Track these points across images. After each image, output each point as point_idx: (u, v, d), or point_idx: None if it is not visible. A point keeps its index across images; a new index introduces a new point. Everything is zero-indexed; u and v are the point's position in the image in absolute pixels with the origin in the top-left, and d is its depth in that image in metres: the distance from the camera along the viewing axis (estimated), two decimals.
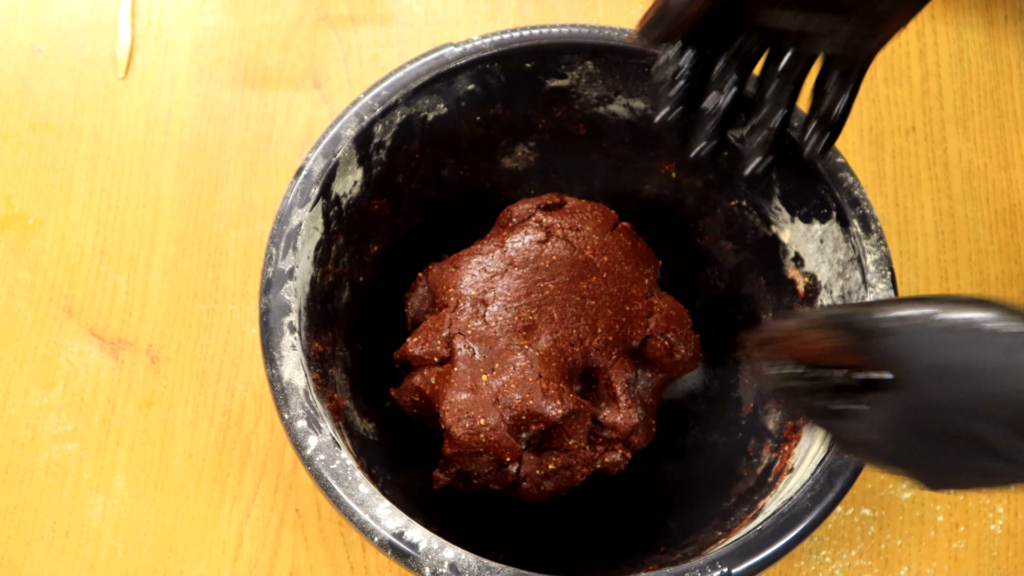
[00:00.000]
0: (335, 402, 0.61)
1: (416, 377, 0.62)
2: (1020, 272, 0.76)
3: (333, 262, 0.64)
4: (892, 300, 0.46)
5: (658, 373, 0.66)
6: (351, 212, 0.65)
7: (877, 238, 0.60)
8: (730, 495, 0.63)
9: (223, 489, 0.69)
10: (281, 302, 0.58)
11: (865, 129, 0.80)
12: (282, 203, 0.60)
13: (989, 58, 0.82)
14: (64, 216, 0.75)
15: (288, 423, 0.55)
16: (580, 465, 0.62)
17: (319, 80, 0.80)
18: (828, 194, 0.61)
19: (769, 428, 0.64)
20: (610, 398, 0.63)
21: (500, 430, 0.59)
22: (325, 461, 0.54)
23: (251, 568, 0.67)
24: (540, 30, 0.65)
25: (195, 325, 0.73)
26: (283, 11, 0.82)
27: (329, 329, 0.64)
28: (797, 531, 0.54)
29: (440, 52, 0.64)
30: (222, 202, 0.76)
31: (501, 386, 0.60)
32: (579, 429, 0.61)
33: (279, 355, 0.57)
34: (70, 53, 0.80)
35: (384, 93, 0.63)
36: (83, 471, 0.69)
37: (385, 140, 0.65)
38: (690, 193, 0.70)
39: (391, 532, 0.53)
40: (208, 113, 0.79)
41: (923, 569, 0.68)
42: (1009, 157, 0.79)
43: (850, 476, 0.55)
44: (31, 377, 0.71)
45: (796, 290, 0.65)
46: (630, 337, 0.64)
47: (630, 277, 0.66)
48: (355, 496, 0.53)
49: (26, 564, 0.67)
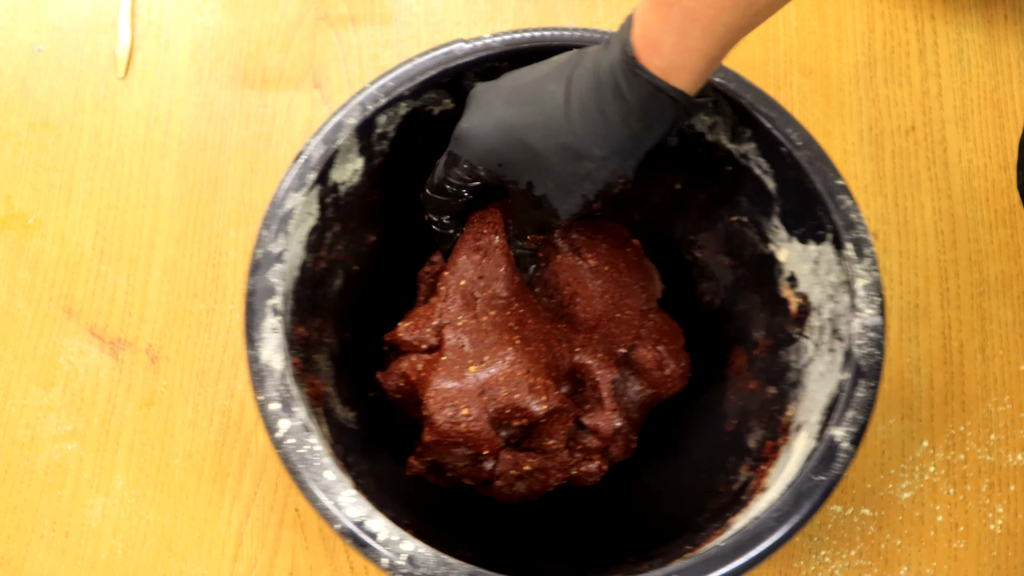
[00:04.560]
0: (315, 388, 0.61)
1: (403, 362, 0.62)
2: (1020, 272, 0.76)
3: (327, 249, 0.64)
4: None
5: (647, 388, 0.65)
6: (349, 200, 0.65)
7: (870, 263, 0.60)
8: (703, 510, 0.63)
9: (223, 489, 0.69)
10: (267, 284, 0.58)
11: (865, 129, 0.80)
12: (278, 187, 0.60)
13: (989, 58, 0.82)
14: (64, 216, 0.75)
15: (262, 404, 0.55)
16: (556, 469, 0.62)
17: (319, 80, 0.80)
18: (825, 215, 0.61)
19: (749, 446, 0.64)
20: (595, 401, 0.63)
21: (482, 421, 0.59)
22: (294, 445, 0.54)
23: (251, 568, 0.67)
24: (552, 32, 0.64)
25: (195, 325, 0.73)
26: (283, 11, 0.82)
27: (318, 315, 0.64)
28: (758, 550, 0.53)
29: (450, 48, 0.64)
30: (222, 202, 0.76)
31: (488, 379, 0.60)
32: (560, 429, 0.61)
33: (259, 337, 0.57)
34: (70, 53, 0.80)
35: (390, 84, 0.63)
36: (83, 471, 0.69)
37: (388, 131, 0.64)
38: (693, 205, 0.70)
39: (352, 520, 0.53)
40: (208, 113, 0.79)
41: (923, 569, 0.68)
42: (1009, 157, 0.79)
43: (818, 499, 0.54)
44: (31, 377, 0.71)
45: (788, 310, 0.65)
46: (617, 341, 0.64)
47: (628, 289, 0.66)
48: (320, 482, 0.54)
49: (26, 564, 0.67)
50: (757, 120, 0.63)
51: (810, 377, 0.62)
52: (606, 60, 0.55)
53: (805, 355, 0.63)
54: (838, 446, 0.56)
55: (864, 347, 0.58)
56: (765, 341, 0.66)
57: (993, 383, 0.73)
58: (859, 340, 0.58)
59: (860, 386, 0.57)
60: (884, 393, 0.73)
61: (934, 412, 0.72)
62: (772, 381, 0.65)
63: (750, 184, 0.66)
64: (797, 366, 0.63)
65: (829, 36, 0.82)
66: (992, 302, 0.75)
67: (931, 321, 0.74)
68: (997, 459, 0.71)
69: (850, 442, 0.56)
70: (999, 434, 0.72)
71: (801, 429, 0.60)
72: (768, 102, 0.63)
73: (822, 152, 0.62)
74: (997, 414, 0.72)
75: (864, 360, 0.58)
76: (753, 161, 0.65)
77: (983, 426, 0.72)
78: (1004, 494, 0.70)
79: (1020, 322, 0.75)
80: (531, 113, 0.57)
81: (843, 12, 0.83)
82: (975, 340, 0.74)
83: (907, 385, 0.73)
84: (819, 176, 0.61)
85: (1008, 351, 0.74)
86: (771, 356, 0.66)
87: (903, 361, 0.73)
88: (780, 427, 0.62)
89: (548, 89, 0.57)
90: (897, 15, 0.83)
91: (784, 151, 0.62)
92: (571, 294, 0.65)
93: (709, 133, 0.66)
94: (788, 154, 0.62)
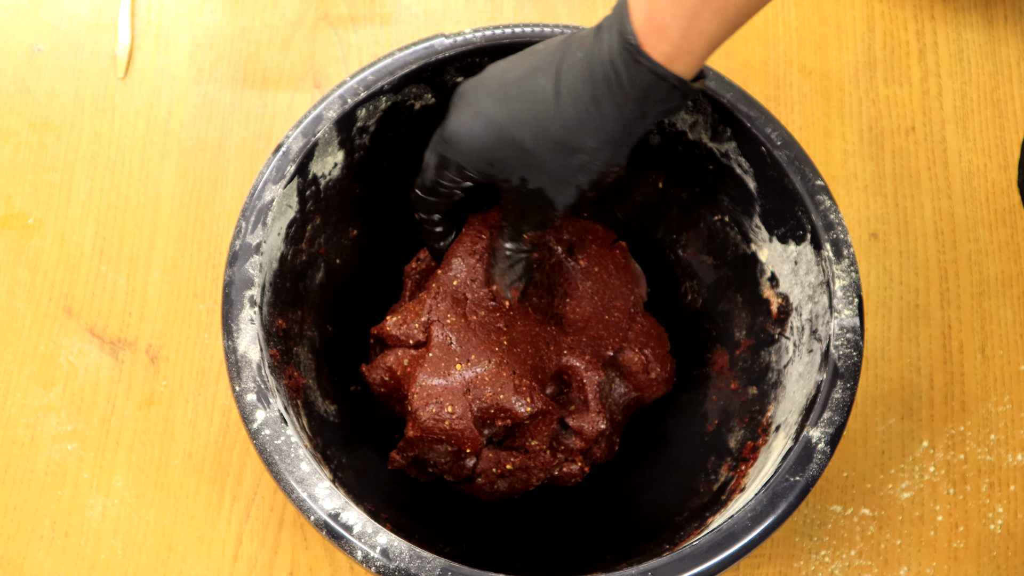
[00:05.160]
0: (294, 380, 0.61)
1: (389, 357, 0.62)
2: (1019, 272, 0.76)
3: (308, 242, 0.64)
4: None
5: (631, 391, 0.65)
6: (330, 194, 0.65)
7: (848, 264, 0.60)
8: (683, 509, 0.63)
9: (223, 489, 0.69)
10: (245, 275, 0.58)
11: (865, 129, 0.80)
12: (257, 178, 0.60)
13: (989, 58, 0.82)
14: (64, 216, 0.75)
15: (238, 395, 0.56)
16: (537, 469, 0.62)
17: (319, 80, 0.80)
18: (805, 216, 0.61)
19: (730, 446, 0.64)
20: (581, 402, 0.63)
21: (465, 420, 0.59)
22: (270, 436, 0.54)
23: (251, 568, 0.67)
24: (532, 28, 0.64)
25: (195, 325, 0.73)
26: (283, 11, 0.82)
27: (298, 308, 0.64)
28: (733, 550, 0.53)
29: (430, 42, 0.64)
30: (222, 202, 0.76)
31: (473, 377, 0.60)
32: (544, 431, 0.61)
33: (236, 327, 0.57)
34: (70, 53, 0.80)
35: (370, 78, 0.63)
36: (83, 471, 0.69)
37: (369, 125, 0.64)
38: (675, 204, 0.70)
39: (327, 512, 0.53)
40: (208, 113, 0.79)
41: (923, 569, 0.68)
42: (1009, 157, 0.79)
43: (794, 499, 0.54)
44: (31, 377, 0.71)
45: (770, 310, 0.65)
46: (605, 343, 0.64)
47: (616, 291, 0.66)
48: (295, 473, 0.54)
49: (26, 564, 0.67)
50: (737, 119, 0.63)
51: (790, 378, 0.62)
52: (601, 49, 0.54)
53: (785, 356, 0.63)
54: (814, 447, 0.56)
55: (841, 348, 0.58)
56: (747, 341, 0.67)
57: (993, 383, 0.73)
58: (837, 341, 0.58)
59: (837, 387, 0.57)
60: (884, 393, 0.73)
61: (934, 412, 0.72)
62: (753, 381, 0.65)
63: (731, 183, 0.66)
64: (778, 367, 0.63)
65: (829, 36, 0.82)
66: (992, 302, 0.75)
67: (931, 321, 0.74)
68: (997, 459, 0.71)
69: (826, 443, 0.56)
70: (999, 434, 0.72)
71: (780, 430, 0.60)
72: (749, 101, 0.63)
73: (802, 152, 0.62)
74: (997, 414, 0.72)
75: (841, 361, 0.58)
76: (734, 160, 0.65)
77: (983, 426, 0.72)
78: (1004, 494, 0.70)
79: (1020, 322, 0.75)
80: (521, 110, 0.56)
81: (843, 12, 0.83)
82: (975, 340, 0.74)
83: (907, 385, 0.73)
84: (798, 176, 0.61)
85: (1008, 351, 0.74)
86: (753, 356, 0.66)
87: (903, 361, 0.73)
88: (760, 428, 0.62)
89: (537, 83, 0.56)
90: (897, 15, 0.83)
91: (764, 151, 0.62)
92: (562, 295, 0.65)
93: (690, 132, 0.66)
94: (768, 153, 0.62)
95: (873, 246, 0.76)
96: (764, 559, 0.68)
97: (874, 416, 0.72)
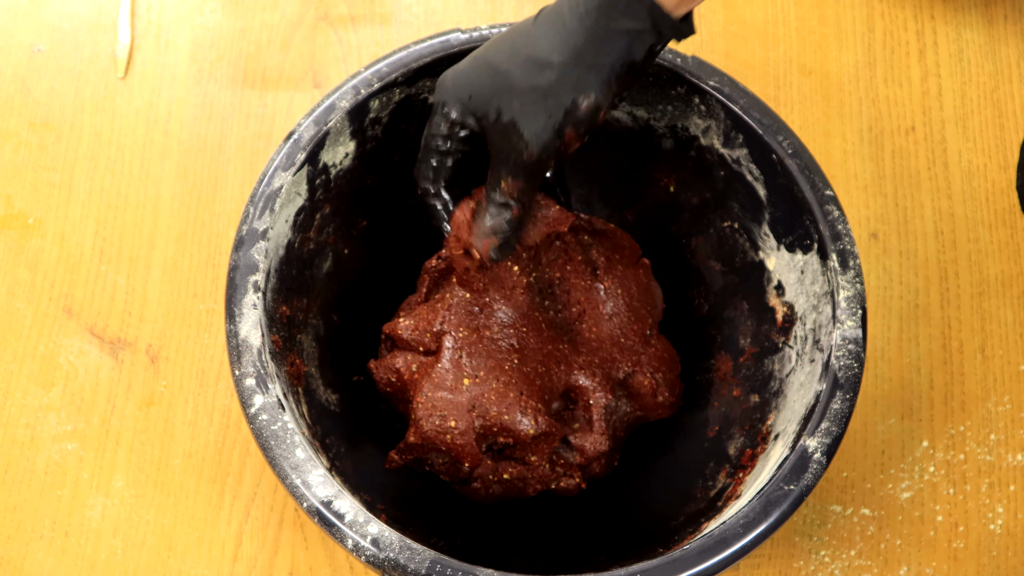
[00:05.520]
0: (296, 367, 0.61)
1: (399, 359, 0.62)
2: (1019, 272, 0.76)
3: (316, 230, 0.64)
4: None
5: (636, 410, 0.65)
6: (340, 183, 0.65)
7: (853, 275, 0.60)
8: (679, 514, 0.63)
9: (223, 489, 0.69)
10: (250, 260, 0.58)
11: (865, 129, 0.80)
12: (267, 164, 0.61)
13: (989, 58, 0.82)
14: (64, 216, 0.75)
15: (238, 379, 0.56)
16: (534, 481, 0.62)
17: (319, 80, 0.80)
18: (812, 225, 0.61)
19: (729, 453, 0.64)
20: (585, 421, 0.63)
21: (467, 436, 0.59)
22: (267, 421, 0.55)
23: (251, 568, 0.67)
24: None
25: (195, 325, 0.73)
26: (283, 11, 0.82)
27: (304, 296, 0.64)
28: (724, 555, 0.53)
29: (446, 36, 0.64)
30: (222, 202, 0.76)
31: (480, 394, 0.60)
32: (544, 449, 0.61)
33: (239, 312, 0.57)
34: (70, 53, 0.80)
35: (385, 70, 0.63)
36: (83, 471, 0.69)
37: (382, 116, 0.64)
38: (686, 209, 0.70)
39: (319, 500, 0.53)
40: (208, 113, 0.79)
41: (923, 569, 0.68)
42: (1009, 157, 0.79)
43: (787, 508, 0.54)
44: (31, 377, 0.71)
45: (775, 318, 0.65)
46: (617, 366, 0.64)
47: (635, 314, 0.66)
48: (290, 460, 0.54)
49: (26, 564, 0.67)
50: (749, 126, 0.63)
51: (791, 387, 0.62)
52: None
53: (788, 365, 0.63)
54: (810, 456, 0.55)
55: (843, 359, 0.58)
56: (751, 349, 0.66)
57: (993, 383, 0.73)
58: (838, 352, 0.58)
59: (836, 398, 0.57)
60: (884, 393, 0.73)
61: (934, 412, 0.72)
62: (756, 389, 0.65)
63: (742, 190, 0.66)
64: (780, 376, 0.63)
65: (829, 36, 0.82)
66: (992, 302, 0.75)
67: (931, 321, 0.74)
68: (997, 459, 0.71)
69: (823, 453, 0.56)
70: (999, 434, 0.72)
71: (779, 439, 0.60)
72: (761, 108, 0.63)
73: (813, 161, 0.62)
74: (997, 414, 0.72)
75: (842, 372, 0.57)
76: (745, 167, 0.65)
77: (983, 426, 0.72)
78: (1004, 494, 0.70)
79: (1020, 322, 0.75)
80: (501, 39, 0.58)
81: (843, 12, 0.83)
82: (975, 340, 0.74)
83: (907, 385, 0.73)
84: (808, 185, 0.61)
85: (1008, 351, 0.74)
86: (756, 364, 0.66)
87: (903, 361, 0.73)
88: (760, 436, 0.62)
89: (523, 20, 0.58)
90: (897, 15, 0.83)
91: (775, 158, 0.62)
92: (579, 312, 0.65)
93: (703, 136, 0.66)
94: (779, 161, 0.62)
95: (873, 246, 0.76)
96: (764, 559, 0.68)
97: (874, 416, 0.72)
